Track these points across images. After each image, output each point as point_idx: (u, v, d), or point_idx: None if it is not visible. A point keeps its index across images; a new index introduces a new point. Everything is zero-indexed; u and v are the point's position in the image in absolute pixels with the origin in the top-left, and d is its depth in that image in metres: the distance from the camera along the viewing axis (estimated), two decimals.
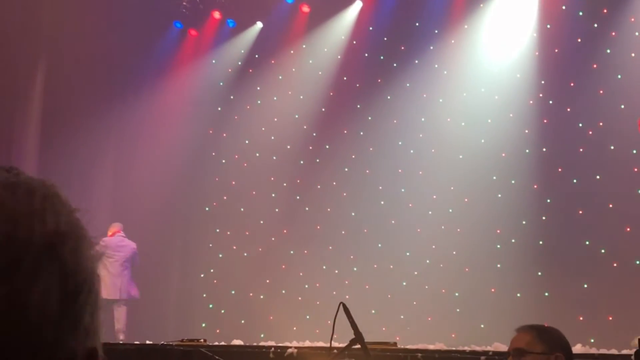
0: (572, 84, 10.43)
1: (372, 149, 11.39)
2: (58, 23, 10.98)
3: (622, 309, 9.22)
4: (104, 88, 11.98)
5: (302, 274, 11.27)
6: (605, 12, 10.37)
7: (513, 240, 10.24)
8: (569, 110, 10.37)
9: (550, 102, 10.52)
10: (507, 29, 10.89)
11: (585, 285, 9.72)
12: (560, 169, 10.25)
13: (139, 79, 12.06)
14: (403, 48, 11.44)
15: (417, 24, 11.40)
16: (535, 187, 10.35)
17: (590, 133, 10.10)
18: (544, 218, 10.24)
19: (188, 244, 12.20)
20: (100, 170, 12.08)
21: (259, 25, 12.39)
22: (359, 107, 11.56)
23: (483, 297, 10.09)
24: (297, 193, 11.68)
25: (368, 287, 10.73)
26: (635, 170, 9.86)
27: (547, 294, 9.87)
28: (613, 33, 10.27)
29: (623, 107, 9.88)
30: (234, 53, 12.43)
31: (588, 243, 9.83)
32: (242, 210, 11.87)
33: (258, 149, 12.01)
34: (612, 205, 9.76)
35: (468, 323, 9.90)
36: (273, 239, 11.54)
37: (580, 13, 10.54)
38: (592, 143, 10.05)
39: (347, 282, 10.90)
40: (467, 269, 10.33)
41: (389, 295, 10.71)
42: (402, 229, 10.81)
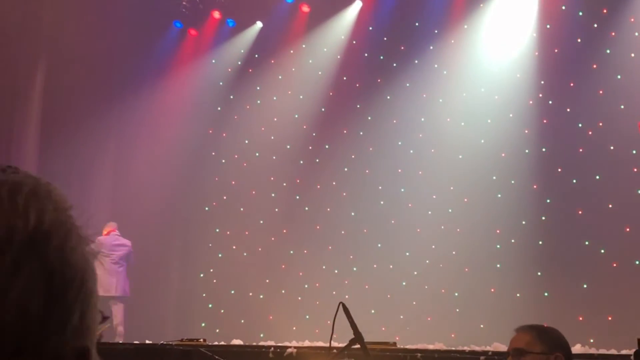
0: (571, 84, 10.43)
1: (371, 149, 11.39)
2: (58, 23, 10.97)
3: (621, 309, 9.22)
4: (104, 88, 11.98)
5: (301, 274, 11.27)
6: (605, 12, 10.37)
7: (513, 240, 10.23)
8: (569, 111, 10.36)
9: (550, 102, 10.51)
10: (506, 29, 10.88)
11: (585, 286, 9.72)
12: (560, 169, 10.25)
13: (139, 79, 12.05)
14: (403, 48, 11.43)
15: (416, 24, 11.40)
16: (535, 187, 10.34)
17: (590, 133, 10.10)
18: (544, 218, 10.23)
19: (188, 244, 12.19)
20: (100, 170, 12.07)
21: (259, 25, 12.38)
22: (359, 107, 11.55)
23: (483, 297, 10.08)
24: (296, 193, 11.68)
25: (368, 287, 10.72)
26: (635, 171, 9.85)
27: (546, 294, 9.86)
28: (613, 33, 10.26)
29: (623, 107, 9.88)
30: (234, 53, 12.43)
31: (588, 243, 9.82)
32: (241, 210, 11.87)
33: (258, 149, 12.00)
34: (611, 206, 9.75)
35: (468, 323, 9.89)
36: (273, 239, 11.54)
37: (580, 13, 10.53)
38: (591, 143, 10.05)
39: (346, 282, 10.89)
40: (466, 269, 10.32)
41: (389, 295, 10.71)
42: (401, 229, 10.81)
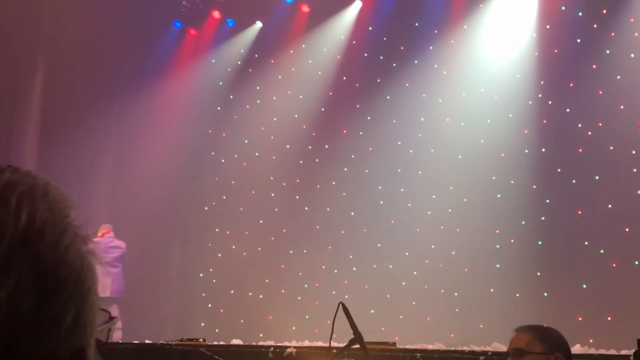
0: (571, 85, 10.42)
1: (371, 149, 11.39)
2: (58, 23, 10.97)
3: (621, 309, 9.22)
4: (103, 87, 11.98)
5: (301, 274, 11.27)
6: (605, 12, 10.37)
7: (512, 241, 10.23)
8: (569, 111, 10.36)
9: (550, 102, 10.51)
10: (506, 29, 10.88)
11: (585, 286, 9.72)
12: (560, 169, 10.25)
13: (139, 79, 12.04)
14: (402, 48, 11.43)
15: (416, 24, 11.40)
16: (535, 187, 10.34)
17: (590, 133, 10.10)
18: (543, 218, 10.23)
19: (187, 244, 12.19)
20: (100, 170, 12.07)
21: (259, 25, 12.38)
22: (359, 107, 11.55)
23: (482, 297, 10.08)
24: (296, 193, 11.68)
25: (367, 287, 10.72)
26: (635, 171, 9.85)
27: (546, 294, 9.86)
28: (612, 33, 10.26)
29: (622, 107, 9.88)
30: (234, 52, 12.43)
31: (587, 243, 9.82)
32: (241, 210, 11.86)
33: (257, 149, 12.00)
34: (611, 206, 9.75)
35: (467, 323, 9.89)
36: (272, 239, 11.54)
37: (580, 13, 10.53)
38: (591, 143, 10.05)
39: (346, 282, 10.89)
40: (466, 269, 10.33)
41: (388, 295, 10.71)
42: (401, 229, 10.81)
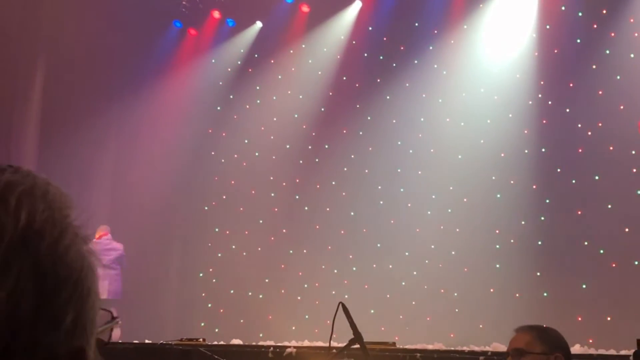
0: (571, 85, 10.43)
1: (371, 149, 11.39)
2: (58, 23, 10.97)
3: (620, 310, 9.22)
4: (103, 87, 11.99)
5: (301, 274, 11.27)
6: (605, 12, 10.37)
7: (512, 241, 10.23)
8: (568, 111, 10.36)
9: (550, 102, 10.51)
10: (506, 29, 10.88)
11: (584, 286, 9.72)
12: (560, 170, 10.25)
13: (139, 79, 12.05)
14: (402, 48, 11.43)
15: (416, 24, 11.40)
16: (535, 187, 10.34)
17: (590, 133, 10.10)
18: (543, 218, 10.23)
19: (187, 244, 12.19)
20: (100, 170, 12.07)
21: (259, 25, 12.38)
22: (358, 106, 11.55)
23: (482, 297, 10.08)
24: (296, 193, 11.68)
25: (367, 286, 10.72)
26: (635, 171, 9.85)
27: (545, 294, 9.86)
28: (612, 34, 10.26)
29: (622, 107, 9.88)
30: (234, 52, 12.43)
31: (587, 243, 9.82)
32: (241, 210, 11.87)
33: (257, 149, 12.00)
34: (611, 206, 9.75)
35: (467, 323, 9.89)
36: (272, 239, 11.54)
37: (580, 13, 10.53)
38: (591, 143, 10.05)
39: (346, 281, 10.89)
40: (466, 269, 10.33)
41: (388, 295, 10.71)
42: (401, 229, 10.80)
